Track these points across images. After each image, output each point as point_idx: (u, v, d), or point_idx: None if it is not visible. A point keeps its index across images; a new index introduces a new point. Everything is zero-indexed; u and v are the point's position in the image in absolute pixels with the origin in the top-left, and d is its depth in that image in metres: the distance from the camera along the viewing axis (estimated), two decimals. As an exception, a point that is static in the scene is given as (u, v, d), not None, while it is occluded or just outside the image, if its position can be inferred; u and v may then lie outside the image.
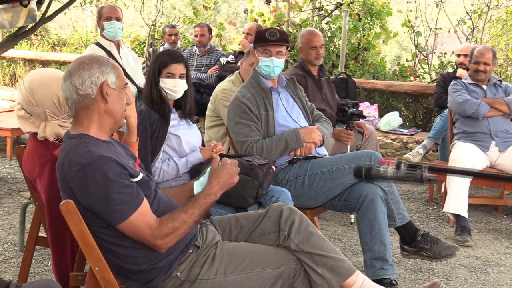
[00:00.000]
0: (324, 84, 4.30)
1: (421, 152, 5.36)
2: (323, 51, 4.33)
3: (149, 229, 2.00)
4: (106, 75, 2.04)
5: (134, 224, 1.98)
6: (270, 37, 3.29)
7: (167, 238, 2.01)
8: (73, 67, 2.04)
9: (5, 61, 9.44)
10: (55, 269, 2.49)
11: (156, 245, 2.02)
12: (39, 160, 2.43)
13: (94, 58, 2.07)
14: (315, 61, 4.26)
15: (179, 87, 2.97)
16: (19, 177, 5.17)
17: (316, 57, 4.24)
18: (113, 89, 2.06)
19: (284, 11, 8.58)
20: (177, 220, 2.02)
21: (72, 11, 10.15)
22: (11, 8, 4.30)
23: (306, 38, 4.27)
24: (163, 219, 2.03)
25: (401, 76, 7.42)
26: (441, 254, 3.04)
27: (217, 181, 2.13)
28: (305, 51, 4.28)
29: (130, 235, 2.01)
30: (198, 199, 2.09)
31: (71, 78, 2.02)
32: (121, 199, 1.94)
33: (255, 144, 3.20)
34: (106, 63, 2.07)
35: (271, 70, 3.32)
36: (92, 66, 2.03)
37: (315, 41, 4.23)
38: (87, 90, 2.02)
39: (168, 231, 2.01)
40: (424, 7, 7.89)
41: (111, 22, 4.58)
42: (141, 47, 9.31)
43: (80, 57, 2.11)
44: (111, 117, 2.08)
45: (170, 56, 2.96)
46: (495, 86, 4.49)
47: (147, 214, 2.02)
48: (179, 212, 2.05)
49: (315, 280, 2.21)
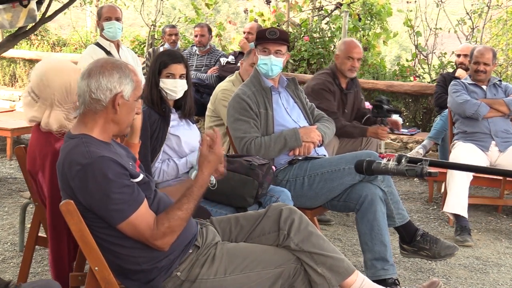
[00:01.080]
0: (349, 97, 4.25)
1: (421, 152, 5.37)
2: (359, 65, 4.25)
3: (149, 229, 2.00)
4: (123, 86, 2.04)
5: (134, 224, 1.98)
6: (270, 36, 3.30)
7: (166, 238, 2.02)
8: (94, 68, 2.03)
9: (5, 61, 9.43)
10: (53, 266, 2.49)
11: (157, 245, 2.02)
12: (41, 152, 2.43)
13: (117, 65, 2.06)
14: (348, 72, 4.17)
15: (179, 87, 2.97)
16: (19, 177, 5.17)
17: (350, 68, 4.15)
18: (126, 100, 2.06)
19: (284, 11, 8.59)
20: (173, 219, 2.02)
21: (72, 11, 10.15)
22: (11, 8, 4.31)
23: (346, 47, 4.17)
24: (159, 219, 2.03)
25: (401, 76, 7.42)
26: (440, 254, 3.04)
27: (207, 169, 2.12)
28: (341, 60, 4.18)
29: (131, 235, 2.01)
30: (193, 192, 2.07)
31: (89, 78, 2.01)
32: (121, 198, 1.95)
33: (254, 141, 3.20)
34: (128, 73, 2.05)
35: (269, 68, 3.32)
36: (112, 74, 2.02)
37: (354, 52, 4.14)
38: (100, 96, 2.01)
39: (165, 230, 2.01)
40: (424, 7, 7.89)
41: (111, 22, 4.58)
42: (141, 47, 9.31)
43: (104, 59, 2.09)
44: (116, 126, 2.09)
45: (170, 56, 2.96)
46: (495, 86, 4.49)
47: (147, 214, 2.02)
48: (174, 210, 2.04)
49: (315, 279, 2.21)
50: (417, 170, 1.93)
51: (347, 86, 4.26)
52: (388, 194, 3.02)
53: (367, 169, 2.07)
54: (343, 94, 4.22)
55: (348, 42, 4.26)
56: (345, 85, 4.25)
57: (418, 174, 1.98)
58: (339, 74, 4.21)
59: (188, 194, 2.07)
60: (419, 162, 1.94)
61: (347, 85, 4.26)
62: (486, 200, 4.78)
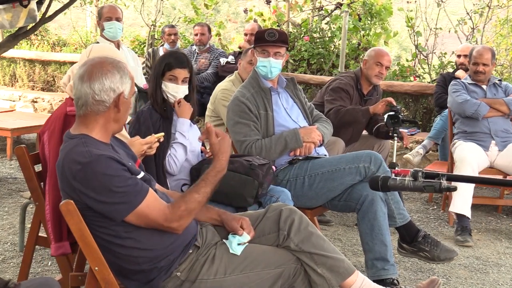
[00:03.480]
0: (369, 104, 4.24)
1: (421, 152, 5.36)
2: (386, 73, 4.27)
3: (162, 215, 2.01)
4: (124, 86, 2.04)
5: (145, 213, 1.99)
6: (269, 38, 3.29)
7: (182, 220, 2.04)
8: (95, 69, 2.01)
9: (5, 61, 9.43)
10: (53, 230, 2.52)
11: (172, 227, 2.03)
12: (55, 112, 2.62)
13: (116, 64, 2.05)
14: (374, 78, 4.18)
15: (181, 93, 2.98)
16: (19, 177, 5.17)
17: (377, 74, 4.17)
18: (126, 99, 2.07)
19: (284, 11, 8.58)
20: (190, 201, 2.05)
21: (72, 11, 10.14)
22: (11, 8, 4.31)
23: (376, 53, 4.21)
24: (175, 203, 2.05)
25: (401, 76, 7.41)
26: (439, 257, 3.04)
27: (224, 155, 2.17)
28: (369, 65, 4.19)
29: (143, 225, 2.01)
30: (209, 177, 2.12)
31: (91, 81, 2.00)
32: (125, 191, 1.95)
33: (254, 144, 3.20)
34: (126, 72, 2.07)
35: (268, 70, 3.32)
36: (114, 74, 2.02)
37: (384, 60, 4.16)
38: (103, 97, 2.01)
39: (182, 213, 2.03)
40: (424, 7, 7.88)
41: (111, 23, 4.58)
42: (141, 47, 9.31)
43: (101, 58, 2.07)
44: (117, 124, 2.09)
45: (176, 60, 2.96)
46: (495, 86, 4.49)
47: (156, 201, 2.03)
48: (192, 192, 2.07)
49: (315, 280, 2.21)
50: (436, 186, 1.90)
51: (368, 93, 4.27)
52: (388, 194, 3.02)
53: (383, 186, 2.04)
54: (362, 100, 4.24)
55: (379, 49, 4.34)
56: (367, 91, 4.27)
57: (437, 190, 1.95)
58: (363, 79, 4.24)
59: (206, 178, 2.12)
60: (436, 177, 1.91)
61: (369, 92, 4.28)
62: (486, 200, 4.78)
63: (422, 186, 1.98)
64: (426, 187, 1.98)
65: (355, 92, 4.19)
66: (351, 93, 4.15)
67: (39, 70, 9.26)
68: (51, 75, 9.20)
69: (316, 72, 7.72)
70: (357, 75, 4.26)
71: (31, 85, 9.29)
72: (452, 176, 2.62)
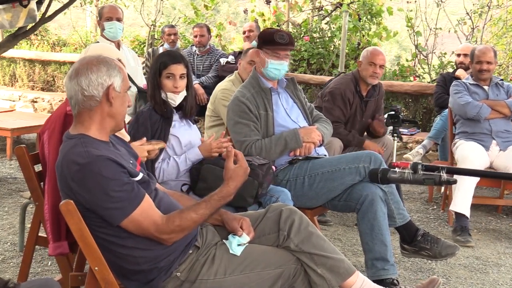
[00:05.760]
0: (369, 105, 4.26)
1: (421, 152, 5.36)
2: (382, 72, 4.26)
3: (153, 225, 2.00)
4: (113, 78, 2.04)
5: (138, 220, 1.98)
6: (280, 40, 3.25)
7: (173, 234, 2.03)
8: (81, 66, 2.03)
9: (5, 61, 9.43)
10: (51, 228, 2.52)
11: (162, 239, 2.03)
12: (57, 111, 2.61)
13: (102, 59, 2.06)
14: (369, 78, 4.19)
15: (178, 99, 2.98)
16: (19, 177, 5.17)
17: (371, 74, 4.17)
18: (118, 92, 2.06)
19: (284, 11, 8.58)
20: (185, 219, 2.03)
21: (72, 11, 10.15)
22: (11, 8, 4.31)
23: (369, 53, 4.22)
24: (170, 216, 2.03)
25: (401, 76, 7.42)
26: (441, 254, 3.03)
27: (234, 183, 2.12)
28: (363, 65, 4.21)
29: (135, 232, 2.01)
30: (212, 201, 2.09)
31: (77, 77, 2.01)
32: (121, 196, 1.95)
33: (254, 144, 3.20)
34: (114, 65, 2.06)
35: (279, 73, 3.32)
36: (100, 68, 2.03)
37: (377, 59, 4.16)
38: (93, 92, 2.01)
39: (175, 228, 2.02)
40: (424, 7, 7.88)
41: (112, 23, 4.58)
42: (141, 47, 9.31)
43: (88, 57, 2.09)
44: (113, 120, 2.08)
45: (170, 56, 2.97)
46: (497, 86, 4.44)
47: (150, 209, 2.02)
48: (190, 211, 2.05)
49: (315, 280, 2.21)
50: (435, 179, 1.88)
51: (367, 94, 4.28)
52: (388, 194, 3.02)
53: (382, 178, 2.03)
54: (362, 102, 4.24)
55: (371, 49, 4.32)
56: (366, 92, 4.27)
57: (437, 182, 1.93)
58: (361, 80, 4.24)
59: (208, 200, 2.09)
60: (436, 169, 1.90)
61: (368, 92, 4.28)
62: (486, 200, 4.78)
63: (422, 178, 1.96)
64: (426, 179, 1.96)
65: (355, 95, 4.20)
66: (350, 97, 4.15)
67: (39, 70, 9.26)
68: (51, 75, 9.21)
69: (316, 72, 7.73)
70: (355, 76, 4.27)
71: (31, 85, 9.29)
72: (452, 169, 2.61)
